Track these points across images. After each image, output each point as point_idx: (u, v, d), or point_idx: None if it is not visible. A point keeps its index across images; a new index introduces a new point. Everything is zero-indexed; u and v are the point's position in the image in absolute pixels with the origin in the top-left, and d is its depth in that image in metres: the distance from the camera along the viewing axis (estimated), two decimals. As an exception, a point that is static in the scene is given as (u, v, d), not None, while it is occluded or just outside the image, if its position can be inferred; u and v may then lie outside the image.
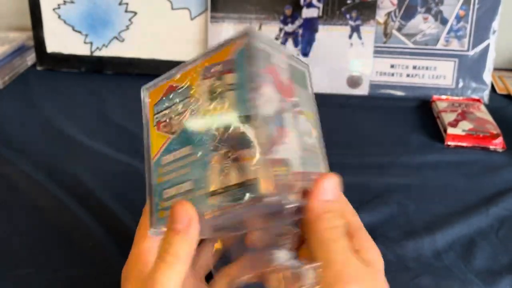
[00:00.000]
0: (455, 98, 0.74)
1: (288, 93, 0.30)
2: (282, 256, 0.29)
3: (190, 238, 0.27)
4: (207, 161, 0.28)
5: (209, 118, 0.28)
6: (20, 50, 0.83)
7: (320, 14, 0.74)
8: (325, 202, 0.28)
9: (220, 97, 0.28)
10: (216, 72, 0.28)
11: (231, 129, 0.27)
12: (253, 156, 0.26)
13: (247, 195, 0.26)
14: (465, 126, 0.64)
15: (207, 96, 0.28)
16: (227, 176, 0.27)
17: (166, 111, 0.30)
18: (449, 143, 0.63)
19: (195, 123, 0.29)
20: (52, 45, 0.81)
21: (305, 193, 0.28)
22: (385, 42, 0.75)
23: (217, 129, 0.28)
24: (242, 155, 0.26)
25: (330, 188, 0.29)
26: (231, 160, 0.27)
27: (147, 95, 0.32)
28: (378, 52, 0.75)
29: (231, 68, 0.28)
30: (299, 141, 0.29)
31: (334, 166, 0.61)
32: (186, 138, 0.29)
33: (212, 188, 0.27)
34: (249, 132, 0.27)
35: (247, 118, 0.27)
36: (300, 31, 0.75)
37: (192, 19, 0.78)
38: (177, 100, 0.30)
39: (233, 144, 0.27)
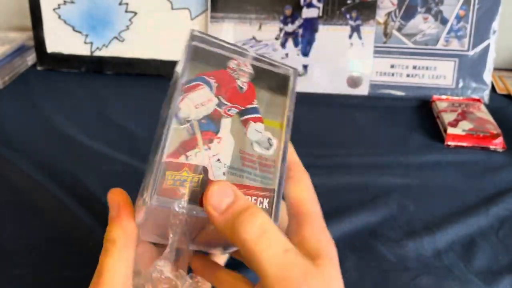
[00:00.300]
0: (455, 98, 0.74)
1: (239, 99, 0.29)
2: (164, 266, 0.28)
3: (124, 222, 0.28)
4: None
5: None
6: (20, 50, 0.83)
7: (320, 14, 0.74)
8: (223, 209, 0.26)
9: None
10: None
11: (157, 131, 0.28)
12: (156, 158, 0.26)
13: (142, 199, 0.26)
14: (465, 126, 0.64)
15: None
16: (145, 182, 0.27)
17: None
18: (449, 143, 0.63)
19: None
20: (52, 45, 0.81)
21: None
22: (385, 42, 0.75)
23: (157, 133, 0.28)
24: (155, 158, 0.27)
25: (220, 191, 0.26)
26: (150, 163, 0.27)
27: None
28: (378, 52, 0.75)
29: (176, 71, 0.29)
30: (236, 151, 0.28)
31: (334, 166, 0.62)
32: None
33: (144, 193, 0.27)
34: (160, 135, 0.27)
35: (167, 120, 0.28)
36: (300, 31, 0.75)
37: (192, 19, 0.78)
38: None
39: (154, 148, 0.28)
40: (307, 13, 0.75)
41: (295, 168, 0.29)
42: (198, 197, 0.26)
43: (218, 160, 0.27)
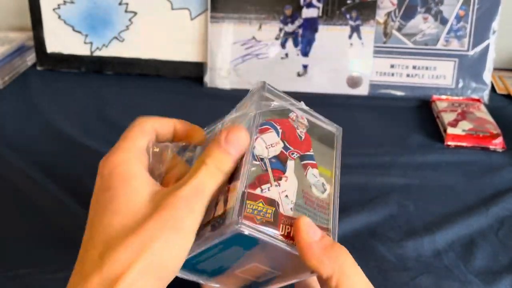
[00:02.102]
0: (455, 98, 0.74)
1: (299, 146, 0.33)
2: None
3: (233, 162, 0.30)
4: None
5: None
6: (20, 50, 0.83)
7: (320, 14, 0.74)
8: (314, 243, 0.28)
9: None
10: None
11: None
12: (236, 188, 0.29)
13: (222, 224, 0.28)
14: (465, 126, 0.64)
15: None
16: (217, 208, 0.29)
17: None
18: (449, 143, 0.63)
19: None
20: (52, 45, 0.81)
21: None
22: (385, 42, 0.75)
23: None
24: (230, 188, 0.29)
25: (311, 224, 0.29)
26: (223, 192, 0.30)
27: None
28: (378, 52, 0.75)
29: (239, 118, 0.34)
30: (299, 190, 0.31)
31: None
32: None
33: (204, 220, 0.29)
34: (239, 167, 0.30)
35: (246, 154, 0.30)
36: (300, 31, 0.75)
37: (192, 19, 0.78)
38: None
39: (229, 178, 0.30)
40: (307, 13, 0.75)
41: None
42: (265, 224, 0.28)
43: (286, 196, 0.30)
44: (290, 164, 0.32)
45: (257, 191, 0.29)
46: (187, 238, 0.28)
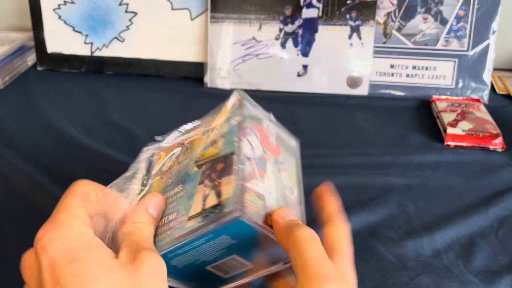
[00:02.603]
0: (455, 98, 0.74)
1: (273, 151, 0.36)
2: None
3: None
4: (193, 193, 0.32)
5: (201, 161, 0.33)
6: (20, 50, 0.83)
7: (320, 14, 0.75)
8: (289, 218, 0.31)
9: (212, 145, 0.34)
10: (214, 128, 0.36)
11: (217, 164, 0.32)
12: (230, 182, 0.30)
13: (217, 212, 0.29)
14: (464, 126, 0.64)
15: (202, 146, 0.35)
16: (207, 201, 0.31)
17: (168, 163, 0.35)
18: (448, 143, 0.63)
19: (187, 166, 0.34)
20: (53, 46, 0.81)
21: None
22: (384, 42, 0.75)
23: (205, 166, 0.33)
24: (222, 182, 0.31)
25: (285, 210, 0.32)
26: (211, 187, 0.31)
27: (154, 149, 0.38)
28: (377, 52, 0.75)
29: (223, 120, 0.35)
30: (279, 189, 0.34)
31: (334, 166, 0.62)
32: (178, 180, 0.34)
33: (191, 213, 0.31)
34: (230, 164, 0.32)
35: (231, 154, 0.32)
36: (300, 31, 0.75)
37: (192, 19, 0.78)
38: (178, 152, 0.36)
39: (217, 175, 0.32)
40: (307, 13, 0.75)
41: (337, 217, 0.33)
42: (257, 215, 0.30)
43: (270, 192, 0.32)
44: (269, 165, 0.34)
45: (249, 185, 0.31)
46: None
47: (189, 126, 0.38)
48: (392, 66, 0.75)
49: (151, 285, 0.27)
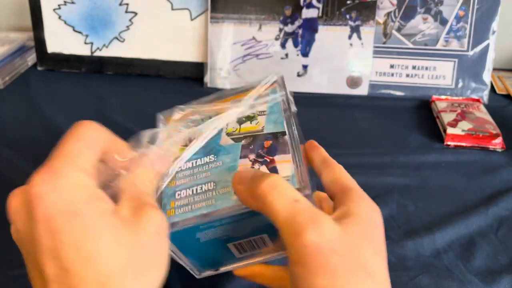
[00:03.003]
0: (455, 98, 0.74)
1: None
2: None
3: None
4: (234, 166, 0.31)
5: (236, 135, 0.32)
6: (20, 51, 0.83)
7: (320, 14, 0.75)
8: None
9: (251, 120, 0.33)
10: (248, 104, 0.35)
11: (263, 141, 0.32)
12: (289, 160, 0.30)
13: None
14: (464, 126, 0.64)
15: (233, 121, 0.34)
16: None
17: (187, 131, 0.33)
18: (448, 143, 0.63)
19: (222, 139, 0.33)
20: (53, 46, 0.82)
21: None
22: (384, 43, 0.75)
23: (245, 141, 0.32)
24: (276, 159, 0.31)
25: (241, 172, 0.30)
26: (261, 163, 0.30)
27: (164, 118, 0.36)
28: (377, 52, 0.75)
29: (263, 101, 0.35)
30: None
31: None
32: (210, 149, 0.32)
33: None
34: (283, 143, 0.32)
35: (282, 134, 0.32)
36: (300, 31, 0.75)
37: (192, 19, 0.78)
38: (203, 121, 0.34)
39: (265, 151, 0.31)
40: (306, 13, 0.75)
41: (331, 160, 0.33)
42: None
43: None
44: None
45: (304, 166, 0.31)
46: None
47: (199, 101, 0.37)
48: (392, 66, 0.76)
49: (153, 244, 0.26)
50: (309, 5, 0.74)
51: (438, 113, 0.68)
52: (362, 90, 0.76)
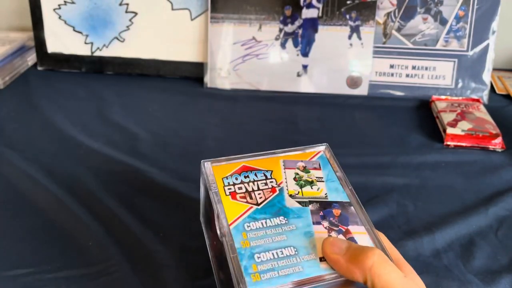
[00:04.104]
0: (455, 98, 0.74)
1: None
2: None
3: None
4: (310, 232, 0.32)
5: (300, 198, 0.34)
6: (20, 50, 0.83)
7: (320, 14, 0.75)
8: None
9: (310, 185, 0.35)
10: (300, 167, 0.36)
11: (331, 209, 0.33)
12: (364, 232, 0.32)
13: None
14: (464, 126, 0.64)
15: (292, 182, 0.35)
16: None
17: (241, 185, 0.34)
18: (448, 143, 0.63)
19: (288, 201, 0.33)
20: (53, 46, 0.82)
21: None
22: (384, 43, 0.75)
23: (313, 206, 0.33)
24: (351, 230, 0.32)
25: (334, 240, 0.31)
26: (337, 232, 0.32)
27: (209, 167, 0.35)
28: (377, 52, 0.75)
29: (316, 167, 0.37)
30: None
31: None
32: (277, 210, 0.33)
33: (320, 254, 0.31)
34: (353, 214, 0.34)
35: (348, 203, 0.34)
36: (300, 31, 0.75)
37: (192, 19, 0.78)
38: (255, 178, 0.34)
39: (337, 220, 0.33)
40: (306, 13, 0.75)
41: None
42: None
43: None
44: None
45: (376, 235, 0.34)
46: None
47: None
48: (391, 66, 0.76)
49: None
50: (309, 5, 0.74)
51: (438, 113, 0.68)
52: (362, 90, 0.76)
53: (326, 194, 0.34)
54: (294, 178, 0.35)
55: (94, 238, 0.46)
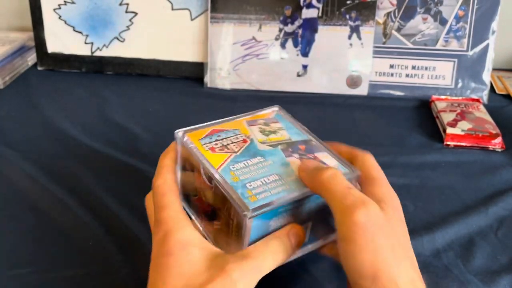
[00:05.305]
0: (454, 98, 0.74)
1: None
2: None
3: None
4: (285, 162, 0.36)
5: (269, 143, 0.38)
6: (21, 50, 0.83)
7: (320, 14, 0.75)
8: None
9: (273, 133, 0.40)
10: (261, 123, 0.41)
11: (297, 145, 0.39)
12: (328, 156, 0.38)
13: None
14: (464, 126, 0.64)
15: (259, 134, 0.39)
16: None
17: (217, 142, 0.38)
18: (448, 143, 0.63)
19: (259, 146, 0.38)
20: (53, 46, 0.82)
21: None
22: (384, 43, 0.75)
23: (282, 146, 0.38)
24: (318, 156, 0.38)
25: (305, 161, 0.37)
26: (308, 158, 0.37)
27: (183, 134, 0.39)
28: (377, 52, 0.75)
29: (274, 121, 0.42)
30: None
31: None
32: (253, 153, 0.37)
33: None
34: (317, 145, 0.39)
35: (309, 140, 0.40)
36: (300, 31, 0.75)
37: (192, 19, 0.78)
38: (226, 136, 0.39)
39: (304, 152, 0.38)
40: (306, 13, 0.75)
41: (357, 151, 0.39)
42: None
43: None
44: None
45: None
46: None
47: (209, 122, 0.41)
48: (391, 66, 0.76)
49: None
50: (309, 5, 0.74)
51: (438, 113, 0.69)
52: (362, 90, 0.76)
53: (289, 137, 0.40)
54: (259, 131, 0.40)
55: (94, 238, 0.46)
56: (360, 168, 0.37)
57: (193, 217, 0.39)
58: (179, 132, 0.38)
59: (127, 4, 0.78)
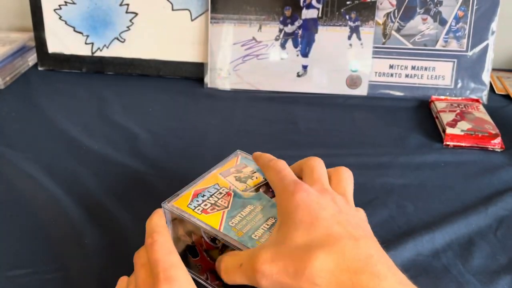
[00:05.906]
0: (454, 98, 0.74)
1: None
2: None
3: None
4: (273, 203, 0.38)
5: (250, 189, 0.40)
6: (21, 51, 0.84)
7: (320, 15, 0.75)
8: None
9: (250, 178, 0.41)
10: (234, 172, 0.42)
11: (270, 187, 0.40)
12: None
13: None
14: (463, 126, 0.64)
15: (237, 183, 0.41)
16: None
17: (205, 203, 0.38)
18: (447, 143, 0.63)
19: (244, 195, 0.40)
20: (53, 46, 0.82)
21: None
22: (384, 43, 0.75)
23: (262, 189, 0.40)
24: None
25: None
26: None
27: (171, 205, 0.39)
28: (377, 52, 0.75)
29: (244, 166, 0.43)
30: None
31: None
32: (241, 203, 0.38)
33: None
34: None
35: None
36: (300, 32, 0.75)
37: (192, 20, 0.78)
38: (210, 193, 0.40)
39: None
40: (306, 14, 0.75)
41: (265, 158, 0.40)
42: None
43: None
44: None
45: None
46: None
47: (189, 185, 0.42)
48: (391, 67, 0.76)
49: None
50: (309, 6, 0.75)
51: (438, 113, 0.69)
52: (362, 90, 0.76)
53: (264, 178, 0.41)
54: (236, 180, 0.41)
55: (93, 238, 0.46)
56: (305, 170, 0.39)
57: (194, 276, 0.39)
58: (166, 203, 0.39)
59: (128, 4, 0.79)
